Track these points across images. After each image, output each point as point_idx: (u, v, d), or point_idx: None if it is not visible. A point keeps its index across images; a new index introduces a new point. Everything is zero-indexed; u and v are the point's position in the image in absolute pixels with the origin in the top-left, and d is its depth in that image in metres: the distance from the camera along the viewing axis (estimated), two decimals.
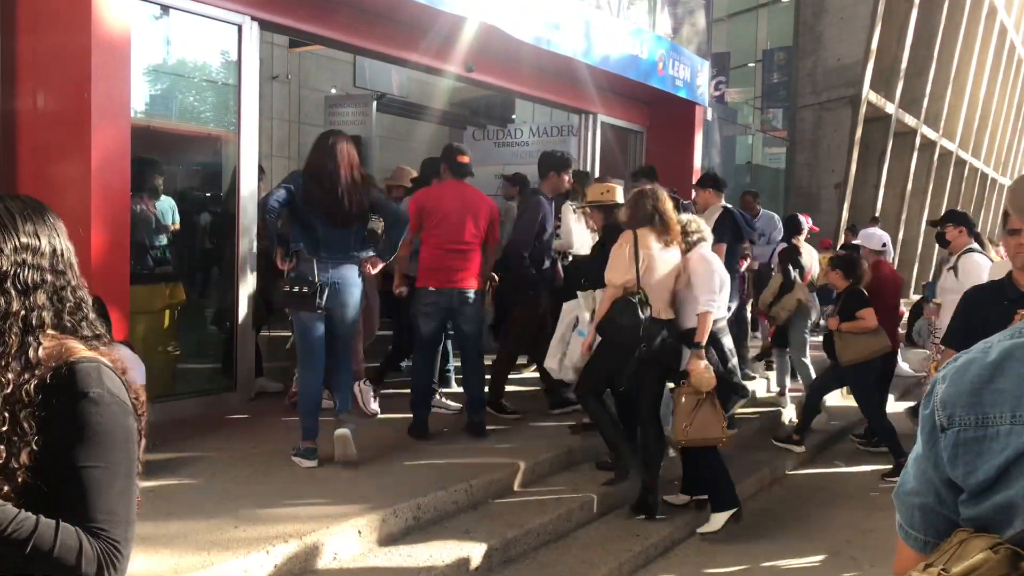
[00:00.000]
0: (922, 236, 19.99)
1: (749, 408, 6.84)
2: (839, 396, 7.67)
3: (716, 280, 4.63)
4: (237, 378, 5.41)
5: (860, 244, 7.30)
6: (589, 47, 7.25)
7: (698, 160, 9.52)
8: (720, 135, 13.10)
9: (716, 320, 4.73)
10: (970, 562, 0.89)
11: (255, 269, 5.37)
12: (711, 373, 4.47)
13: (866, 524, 4.93)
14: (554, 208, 5.75)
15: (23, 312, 1.27)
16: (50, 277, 1.32)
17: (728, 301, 5.33)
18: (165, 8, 4.96)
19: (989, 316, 3.08)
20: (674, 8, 9.79)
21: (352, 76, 10.04)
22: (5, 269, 1.27)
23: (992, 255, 7.53)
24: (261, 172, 5.64)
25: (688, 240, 4.72)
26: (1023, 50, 27.97)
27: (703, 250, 4.76)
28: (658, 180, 6.03)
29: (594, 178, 7.20)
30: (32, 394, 1.24)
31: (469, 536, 3.80)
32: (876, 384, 6.18)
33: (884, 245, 7.05)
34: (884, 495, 5.33)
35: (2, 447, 1.20)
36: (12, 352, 1.25)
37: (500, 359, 5.80)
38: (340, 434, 4.25)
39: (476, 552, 3.67)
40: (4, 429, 1.21)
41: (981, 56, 22.39)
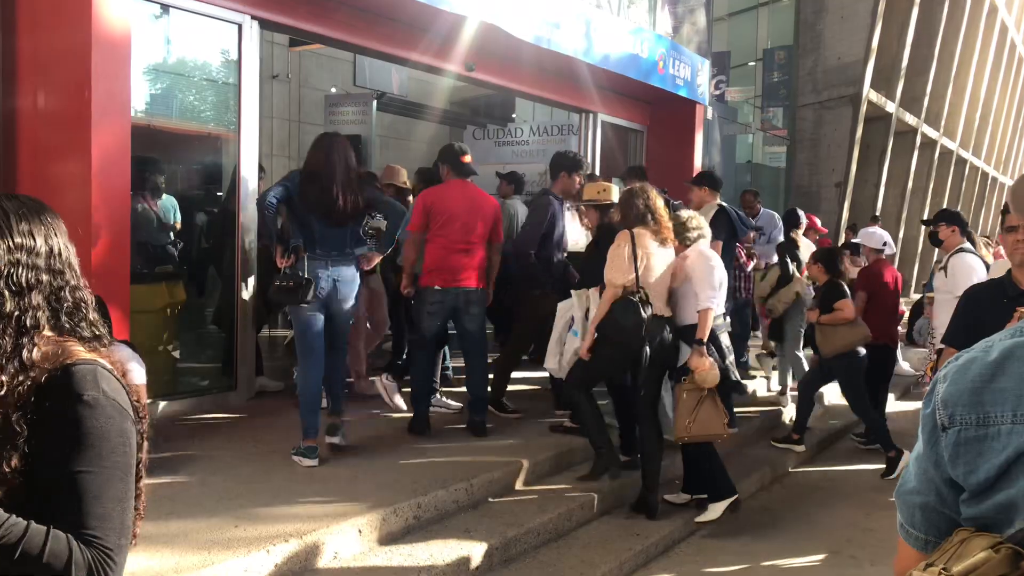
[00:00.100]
0: (922, 235, 19.92)
1: (749, 407, 6.84)
2: (840, 395, 7.67)
3: (716, 277, 4.64)
4: (237, 377, 5.41)
5: (860, 243, 7.29)
6: (589, 46, 7.24)
7: (698, 159, 9.51)
8: (720, 134, 13.09)
9: (715, 317, 4.73)
10: (971, 561, 0.89)
11: (255, 268, 5.37)
12: (715, 370, 4.47)
13: (866, 523, 4.94)
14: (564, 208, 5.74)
15: (17, 313, 1.25)
16: (46, 277, 1.29)
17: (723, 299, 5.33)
18: (165, 7, 4.97)
19: (989, 314, 3.07)
20: (674, 7, 9.79)
21: (352, 75, 10.04)
22: None
23: (984, 252, 7.55)
24: (261, 171, 5.64)
25: (688, 237, 4.72)
26: None
27: (702, 247, 4.76)
28: (647, 179, 6.02)
29: (587, 175, 7.17)
30: (25, 396, 1.21)
31: (469, 535, 3.80)
32: (863, 375, 6.21)
33: (884, 244, 7.05)
34: (884, 494, 5.33)
35: None
36: (6, 354, 1.23)
37: (504, 357, 5.79)
38: (309, 465, 4.25)
39: (476, 551, 3.67)
40: None
41: (982, 55, 22.37)
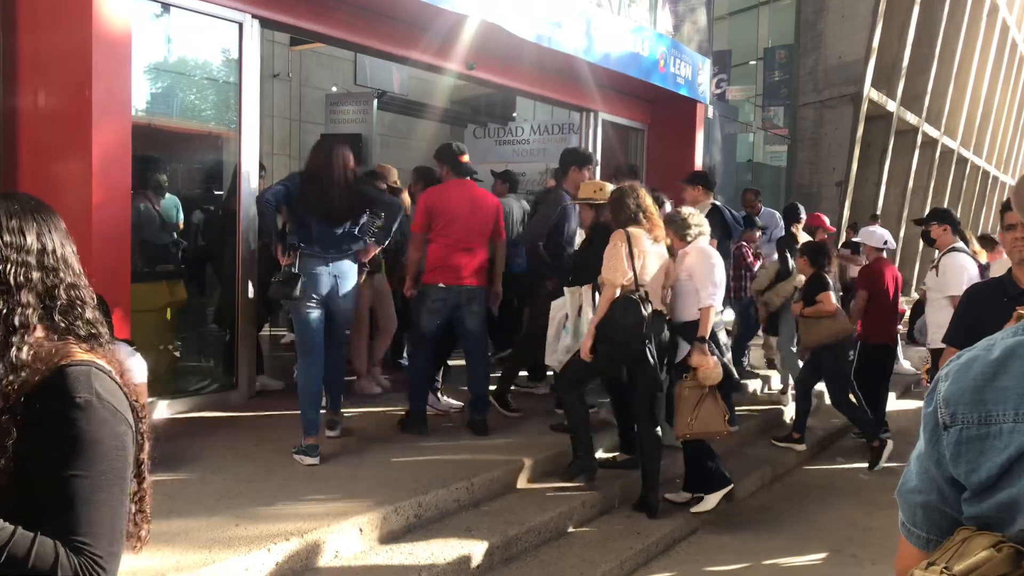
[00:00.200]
0: None
1: (750, 406, 6.84)
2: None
3: (716, 274, 4.63)
4: (238, 376, 5.41)
5: (861, 242, 7.29)
6: (590, 45, 7.24)
7: (699, 158, 9.50)
8: (721, 133, 13.08)
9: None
10: (972, 560, 0.89)
11: (256, 267, 5.37)
12: (719, 368, 4.47)
13: (867, 522, 4.93)
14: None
15: (5, 311, 1.23)
16: (37, 275, 1.27)
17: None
18: (166, 6, 4.96)
19: (989, 313, 3.06)
20: (675, 6, 9.78)
21: (353, 74, 10.02)
22: None
23: (976, 247, 7.55)
24: (262, 170, 5.65)
25: (688, 234, 4.71)
26: None
27: (702, 244, 4.75)
28: (639, 178, 6.03)
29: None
30: (15, 397, 1.19)
31: (470, 534, 3.80)
32: (850, 368, 6.36)
33: (885, 243, 7.05)
34: (885, 493, 5.32)
35: None
36: None
37: (515, 355, 5.82)
38: (308, 462, 4.26)
39: (477, 550, 3.67)
40: None
41: (983, 54, 22.35)
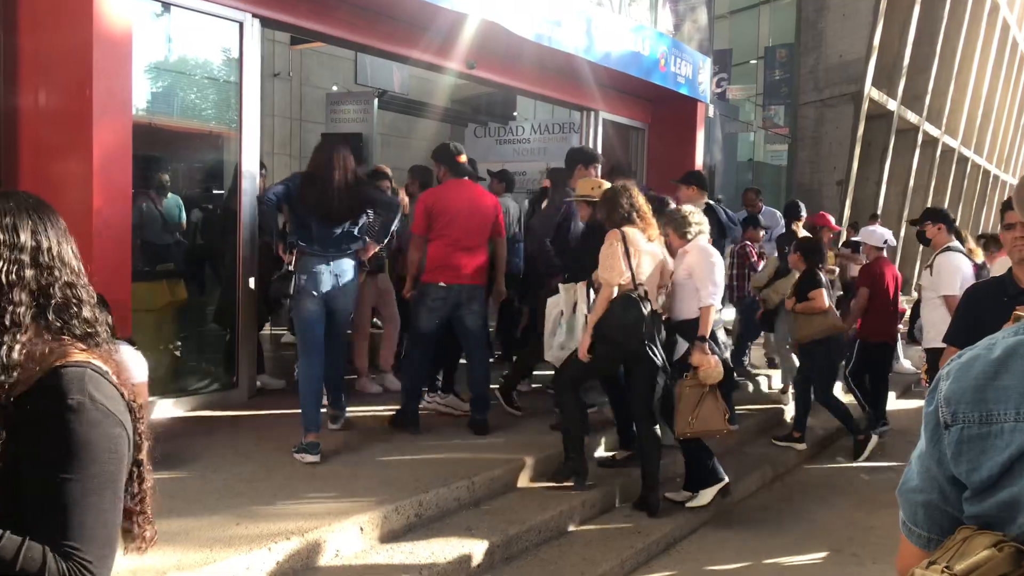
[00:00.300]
0: None
1: (750, 405, 6.84)
2: (840, 394, 7.66)
3: (717, 273, 4.62)
4: (239, 375, 5.41)
5: (861, 241, 7.29)
6: (590, 44, 7.23)
7: (700, 157, 9.49)
8: (722, 132, 13.06)
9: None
10: (974, 559, 0.89)
11: (256, 266, 5.37)
12: (720, 367, 4.47)
13: (868, 521, 4.93)
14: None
15: None
16: (30, 273, 1.25)
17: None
18: (166, 5, 4.96)
19: (989, 313, 3.06)
20: (675, 5, 9.77)
21: (353, 73, 10.03)
22: None
23: (972, 246, 7.55)
24: (263, 169, 5.65)
25: (688, 232, 4.70)
26: None
27: (702, 243, 4.74)
28: (632, 176, 6.03)
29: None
30: (4, 397, 1.16)
31: (471, 533, 3.80)
32: (837, 364, 6.52)
33: (885, 242, 7.05)
34: (886, 492, 5.32)
35: None
36: None
37: (525, 353, 5.84)
38: (310, 461, 4.28)
39: (478, 549, 3.68)
40: None
41: (983, 53, 22.33)
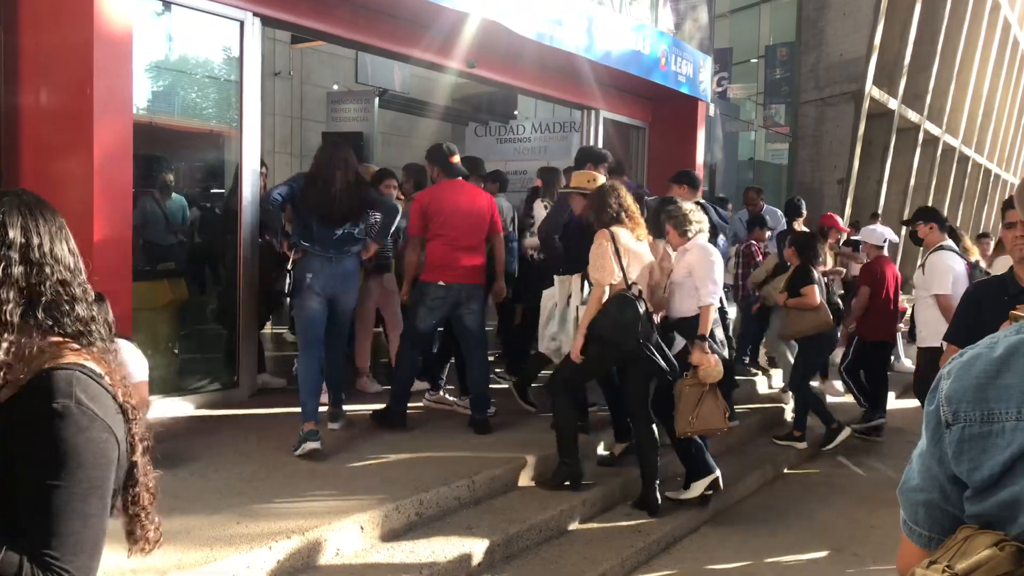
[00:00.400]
0: None
1: (751, 404, 6.84)
2: (841, 395, 7.66)
3: (716, 271, 4.62)
4: (240, 374, 5.42)
5: (861, 240, 7.29)
6: (591, 43, 7.23)
7: (700, 156, 9.50)
8: (723, 131, 13.05)
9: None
10: (975, 559, 0.89)
11: (257, 265, 5.37)
12: (720, 366, 4.47)
13: (869, 520, 4.93)
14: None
15: None
16: (19, 270, 1.21)
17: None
18: (167, 4, 4.96)
19: (990, 312, 3.06)
20: (676, 4, 9.77)
21: (354, 72, 10.03)
22: None
23: (968, 245, 7.54)
24: (263, 168, 5.65)
25: (688, 230, 4.70)
26: None
27: (702, 241, 4.73)
28: (626, 173, 6.03)
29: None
30: None
31: (471, 532, 3.80)
32: (824, 359, 6.59)
33: (885, 240, 7.05)
34: (887, 491, 5.31)
35: None
36: None
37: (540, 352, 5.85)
38: (310, 449, 4.30)
39: (478, 548, 3.68)
40: None
41: (985, 51, 22.31)
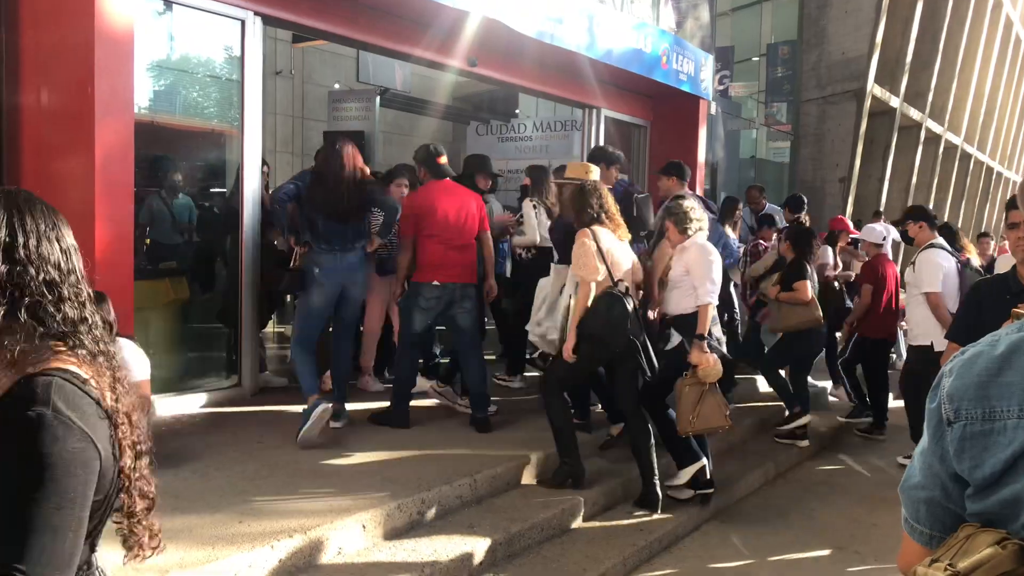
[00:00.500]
0: None
1: (752, 403, 6.84)
2: (838, 395, 7.65)
3: (715, 270, 4.60)
4: (241, 373, 5.42)
5: (860, 238, 7.28)
6: (592, 41, 7.23)
7: (702, 154, 9.49)
8: (724, 129, 13.03)
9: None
10: (977, 557, 0.88)
11: (259, 264, 5.38)
12: (719, 365, 4.46)
13: (870, 519, 4.93)
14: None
15: None
16: (2, 269, 1.18)
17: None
18: (168, 3, 4.97)
19: (991, 311, 3.06)
20: (677, 2, 9.76)
21: (355, 71, 10.03)
22: None
23: (967, 242, 7.52)
24: (265, 167, 5.65)
25: (688, 228, 4.68)
26: None
27: (701, 240, 4.70)
28: (626, 172, 6.03)
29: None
30: None
31: (473, 531, 3.81)
32: (814, 357, 6.59)
33: (884, 239, 7.04)
34: (888, 489, 5.32)
35: None
36: None
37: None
38: (323, 409, 4.41)
39: (480, 547, 3.68)
40: None
41: (987, 49, 22.28)
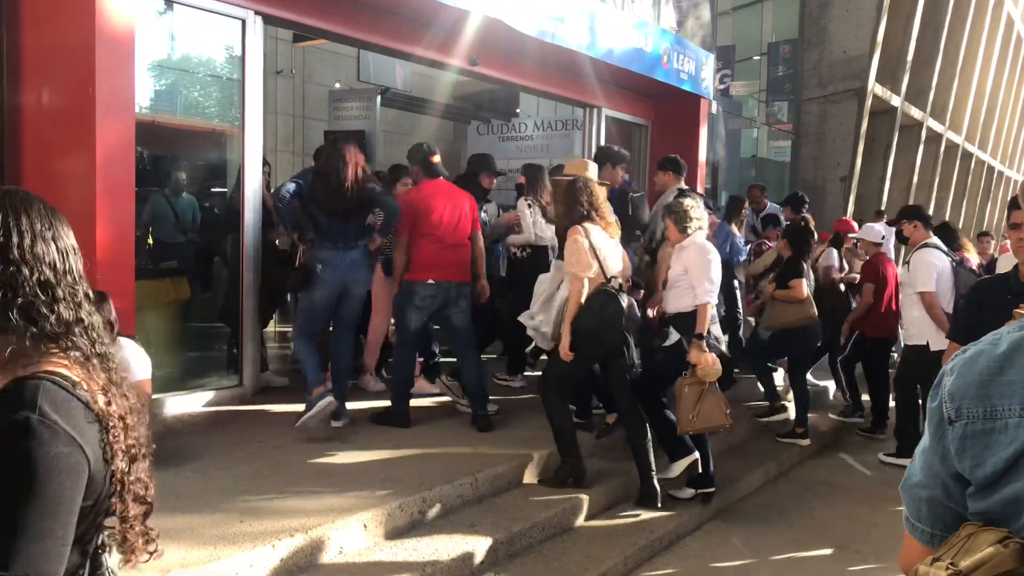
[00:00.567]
0: None
1: (754, 402, 6.83)
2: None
3: (713, 269, 4.58)
4: (243, 372, 5.42)
5: (859, 237, 7.27)
6: (593, 40, 7.22)
7: (703, 154, 9.48)
8: (725, 128, 13.02)
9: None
10: (979, 556, 0.88)
11: (260, 263, 5.38)
12: (718, 364, 4.46)
13: (872, 518, 4.93)
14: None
15: None
16: None
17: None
18: (169, 3, 4.96)
19: (992, 310, 3.06)
20: (678, 1, 9.75)
21: (356, 70, 10.03)
22: None
23: (965, 242, 7.51)
24: (266, 166, 5.66)
25: (688, 227, 4.67)
26: None
27: (700, 239, 4.69)
28: (623, 160, 6.03)
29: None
30: None
31: (474, 530, 3.81)
32: (810, 355, 6.59)
33: (883, 238, 7.03)
34: (890, 489, 5.32)
35: None
36: None
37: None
38: (327, 402, 4.52)
39: (481, 546, 3.68)
40: None
41: (988, 48, 22.26)
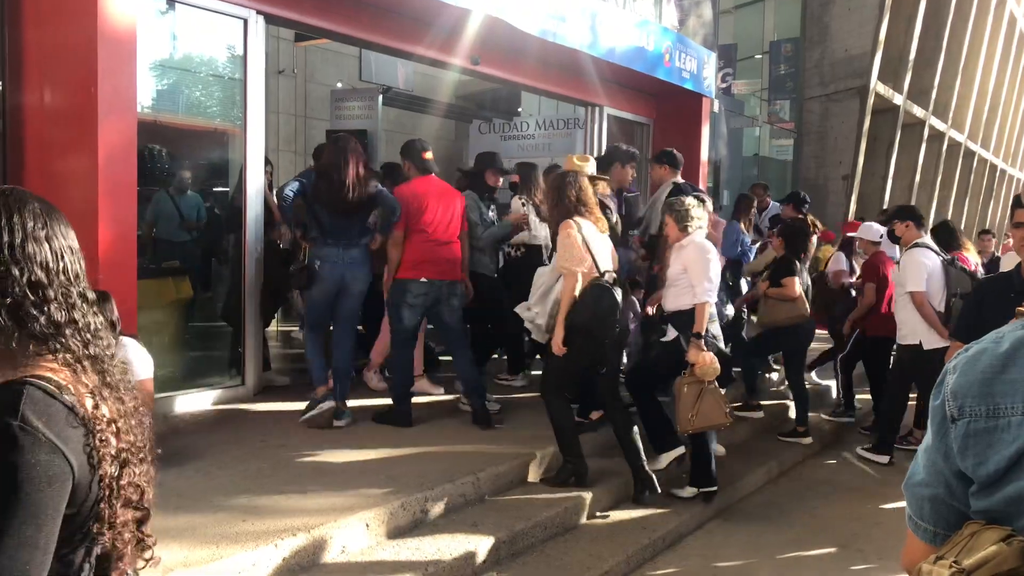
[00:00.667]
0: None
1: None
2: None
3: (712, 268, 4.57)
4: (245, 372, 5.43)
5: (858, 236, 7.25)
6: (595, 39, 7.22)
7: (705, 152, 9.47)
8: (727, 127, 13.01)
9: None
10: (982, 554, 0.88)
11: (262, 263, 5.38)
12: (716, 363, 4.45)
13: (874, 517, 4.93)
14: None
15: None
16: None
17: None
18: (171, 2, 4.97)
19: (994, 308, 3.06)
20: (680, 0, 9.75)
21: (358, 70, 10.02)
22: None
23: (965, 241, 7.49)
24: (268, 166, 5.66)
25: (688, 226, 4.65)
26: None
27: (699, 239, 4.67)
28: (632, 160, 6.05)
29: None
30: None
31: (477, 529, 3.81)
32: (806, 351, 6.58)
33: (881, 236, 7.01)
34: (892, 488, 5.31)
35: None
36: None
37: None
38: (330, 406, 4.68)
39: (483, 545, 3.68)
40: None
41: (990, 46, 22.24)
